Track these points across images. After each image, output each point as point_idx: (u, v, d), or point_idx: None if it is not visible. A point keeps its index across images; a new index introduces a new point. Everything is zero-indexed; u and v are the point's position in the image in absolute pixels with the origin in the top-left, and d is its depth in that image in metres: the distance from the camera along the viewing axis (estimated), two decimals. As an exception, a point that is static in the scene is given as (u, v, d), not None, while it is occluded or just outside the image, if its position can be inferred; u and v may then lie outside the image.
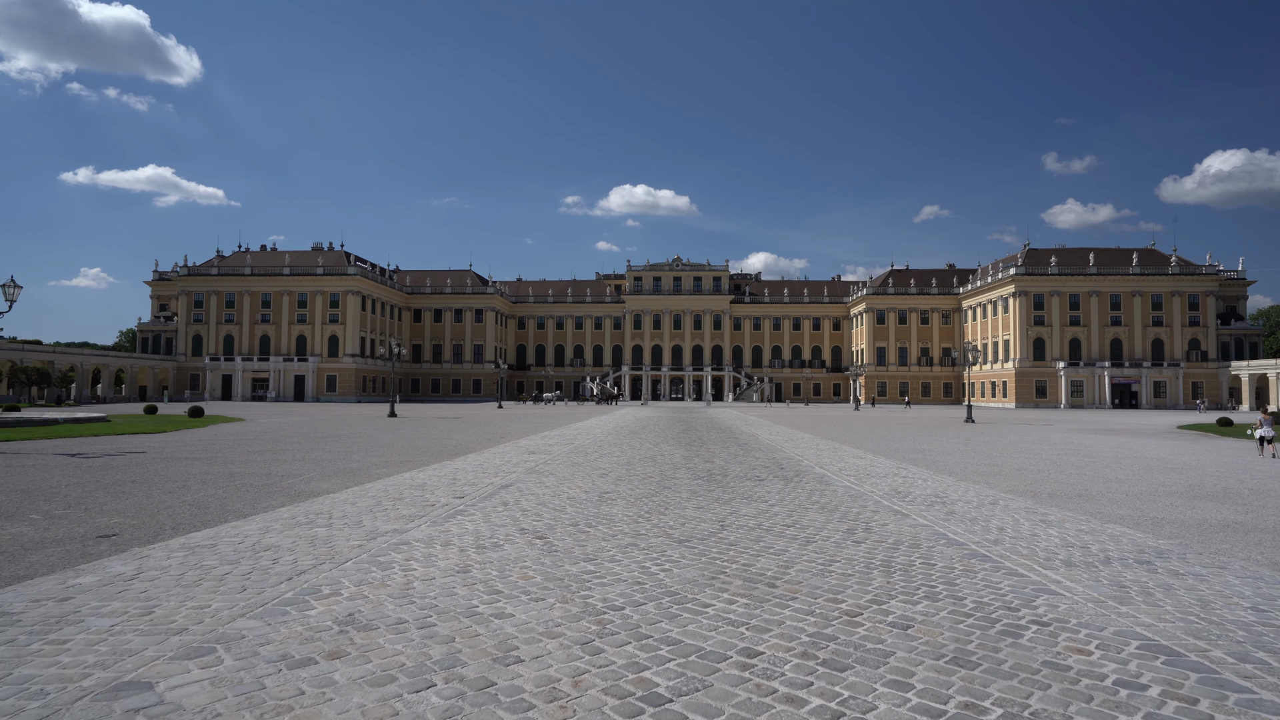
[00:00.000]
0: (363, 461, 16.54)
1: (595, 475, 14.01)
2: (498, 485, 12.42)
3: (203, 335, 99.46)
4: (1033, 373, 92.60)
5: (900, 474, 14.76)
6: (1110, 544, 7.87)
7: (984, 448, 22.59)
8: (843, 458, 18.39)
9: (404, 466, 15.50)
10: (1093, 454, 20.62)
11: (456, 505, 10.20)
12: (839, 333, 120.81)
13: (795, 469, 15.52)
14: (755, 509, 10.11)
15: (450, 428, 31.98)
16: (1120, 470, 16.09)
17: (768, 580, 6.24)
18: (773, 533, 8.41)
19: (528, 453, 18.95)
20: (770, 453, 19.66)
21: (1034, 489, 12.68)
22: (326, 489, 11.90)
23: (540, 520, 9.08)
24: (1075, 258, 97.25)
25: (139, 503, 10.24)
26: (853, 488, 12.53)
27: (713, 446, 21.66)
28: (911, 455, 19.53)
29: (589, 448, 20.82)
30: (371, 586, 5.90)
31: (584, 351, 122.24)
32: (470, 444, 22.22)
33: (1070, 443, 25.35)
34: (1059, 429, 36.36)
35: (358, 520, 8.91)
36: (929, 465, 16.79)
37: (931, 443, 24.70)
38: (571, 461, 16.65)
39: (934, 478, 14.16)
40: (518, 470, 14.75)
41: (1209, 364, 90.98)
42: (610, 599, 5.63)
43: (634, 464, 16.21)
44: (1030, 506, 10.60)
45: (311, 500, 10.61)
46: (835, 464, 16.71)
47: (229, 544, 7.44)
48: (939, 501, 10.98)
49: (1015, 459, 18.69)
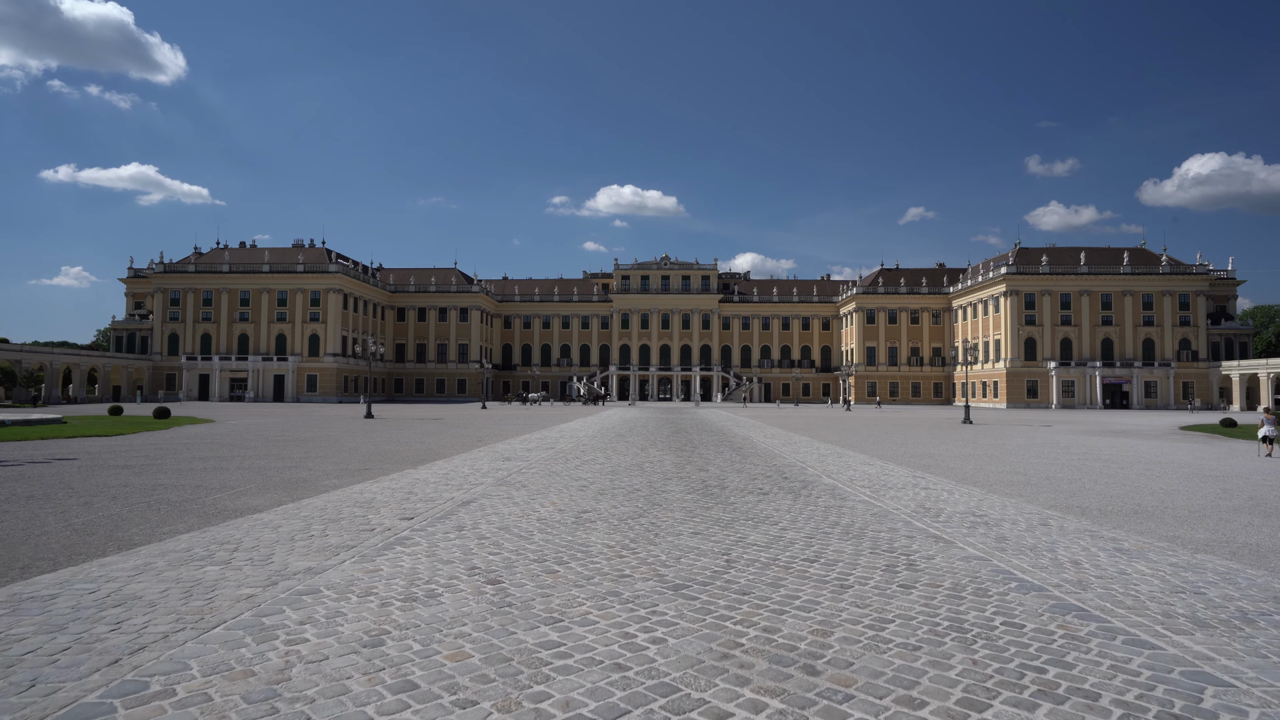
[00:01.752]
0: (315, 470, 14.67)
1: (574, 488, 12.22)
2: (458, 501, 10.60)
3: (179, 334, 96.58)
4: (1024, 373, 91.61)
5: (920, 485, 13.08)
6: (1229, 588, 6.12)
7: (994, 451, 20.99)
8: (849, 464, 16.70)
9: (359, 476, 13.65)
10: (1113, 459, 19.05)
11: (400, 530, 8.38)
12: (828, 332, 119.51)
13: (801, 478, 13.80)
14: (765, 534, 8.36)
15: (426, 430, 30.06)
16: (1158, 479, 14.49)
17: (803, 660, 4.44)
18: (793, 571, 6.63)
19: (502, 459, 17.12)
20: (769, 459, 17.94)
21: (1078, 504, 11.02)
22: (256, 506, 10.05)
23: (498, 554, 7.26)
24: (1066, 257, 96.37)
25: (9, 529, 8.35)
26: (872, 503, 10.82)
27: (706, 451, 19.91)
28: (922, 461, 17.88)
29: (570, 453, 19.02)
30: (227, 676, 4.04)
31: (571, 351, 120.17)
32: (442, 448, 20.36)
33: (1082, 446, 23.81)
34: (1061, 430, 34.92)
35: (268, 554, 7.08)
36: (946, 473, 15.13)
37: (937, 446, 23.09)
38: (549, 470, 14.84)
39: (959, 489, 12.49)
40: (486, 481, 12.94)
41: (1200, 364, 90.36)
42: (575, 701, 3.84)
43: (619, 473, 14.43)
44: (1090, 529, 8.91)
45: (227, 523, 8.76)
46: (843, 472, 15.01)
47: (75, 594, 5.58)
48: (980, 522, 9.28)
49: (1035, 465, 17.07)
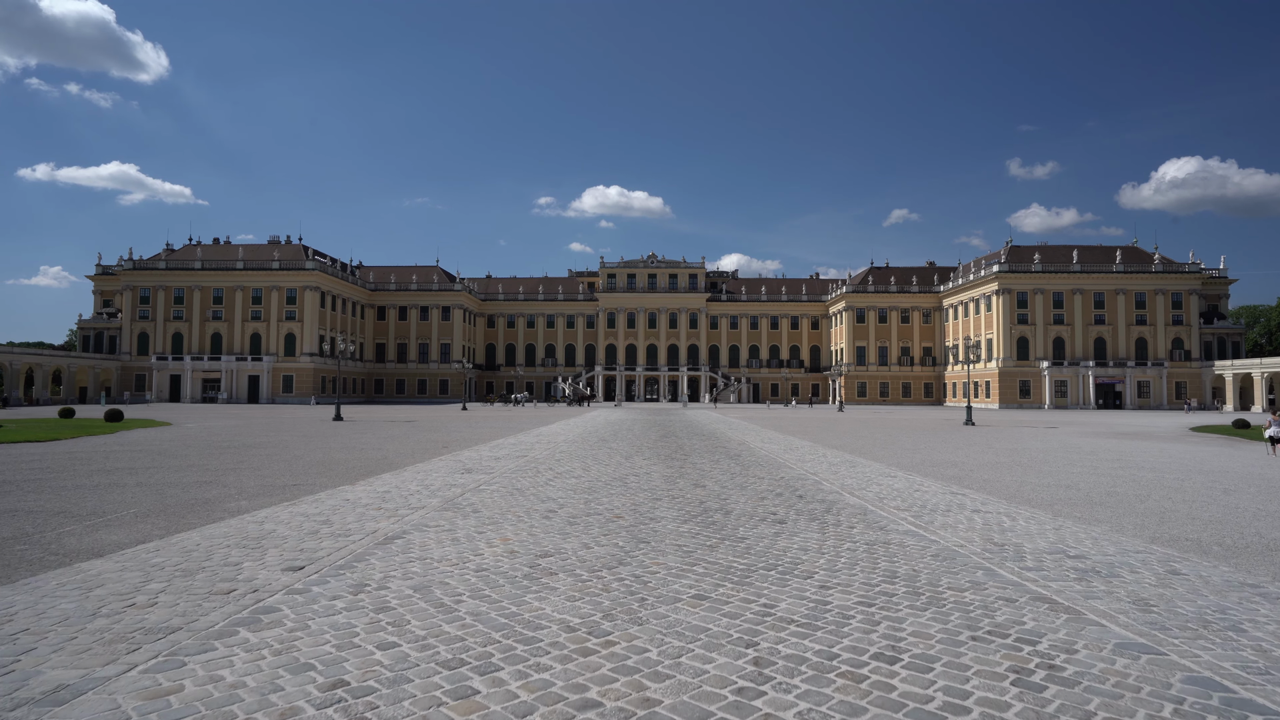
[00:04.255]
0: (230, 488, 12.07)
1: (538, 514, 9.70)
2: (380, 537, 8.05)
3: (149, 333, 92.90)
4: (1016, 372, 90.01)
5: (966, 506, 10.67)
6: None
7: (1020, 459, 18.65)
8: (867, 476, 14.29)
9: (279, 496, 11.07)
10: (1155, 466, 16.77)
11: (271, 592, 5.83)
12: (817, 332, 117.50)
13: (819, 497, 11.36)
14: (800, 599, 5.87)
15: (392, 434, 27.41)
16: (1233, 494, 12.17)
17: None
18: (873, 697, 4.17)
19: (462, 471, 14.56)
20: (773, 469, 15.49)
21: (1179, 533, 8.64)
22: (105, 546, 7.47)
23: (392, 648, 4.66)
24: (1058, 255, 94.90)
25: None
26: (923, 535, 8.37)
27: (700, 460, 17.43)
28: (947, 470, 15.51)
29: (544, 463, 16.48)
30: None
31: (556, 351, 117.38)
32: (398, 457, 17.76)
33: (1109, 451, 21.53)
34: (1070, 432, 32.78)
35: (30, 647, 4.53)
36: (984, 488, 12.75)
37: (952, 452, 20.75)
38: (513, 487, 12.29)
39: (1019, 513, 10.07)
40: (431, 504, 10.39)
41: (1193, 363, 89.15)
42: None
43: (597, 491, 11.93)
44: (1242, 579, 6.49)
45: (35, 578, 6.19)
46: (865, 487, 12.59)
47: None
48: (1086, 570, 6.80)
49: (1079, 476, 14.74)
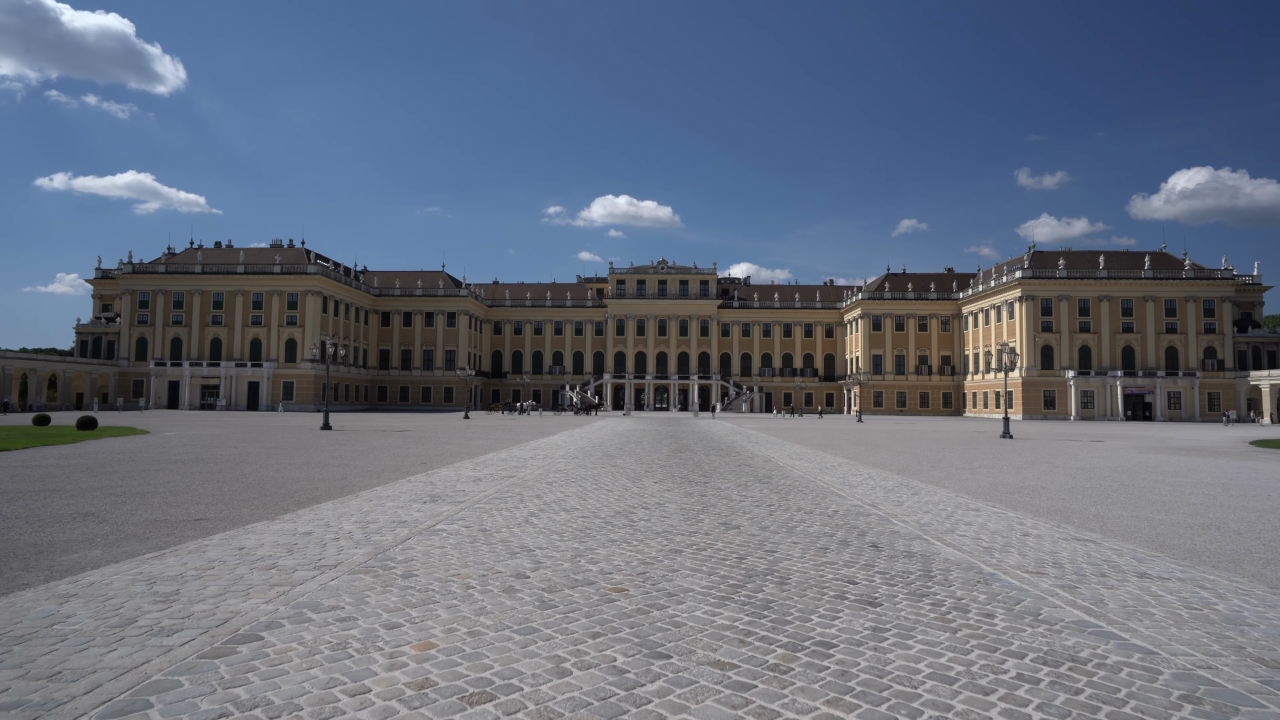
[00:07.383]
0: (103, 524, 9.03)
1: (497, 582, 6.57)
2: (219, 640, 4.87)
3: (148, 338, 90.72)
4: (1040, 382, 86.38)
5: (1120, 565, 7.43)
6: None
7: (1103, 481, 15.34)
8: (942, 509, 11.13)
9: (155, 542, 8.04)
10: (1259, 490, 13.55)
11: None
12: (832, 340, 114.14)
13: (903, 549, 8.19)
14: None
15: (373, 445, 24.47)
16: None
17: None
18: None
19: (424, 499, 11.51)
20: (819, 498, 12.35)
21: None
22: None
23: None
24: (1083, 261, 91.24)
25: None
26: (1116, 637, 5.16)
27: (723, 484, 14.28)
28: (1035, 500, 12.32)
29: (532, 487, 13.42)
30: None
31: (564, 359, 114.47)
32: (359, 477, 14.75)
33: (1193, 471, 18.19)
34: (1121, 446, 29.46)
35: None
36: (1101, 526, 9.56)
37: (1014, 473, 17.51)
38: (479, 528, 9.18)
39: (1207, 578, 6.85)
40: (352, 558, 7.32)
41: (1226, 373, 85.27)
42: None
43: (592, 535, 8.84)
44: None
45: None
46: (953, 529, 9.43)
47: None
48: None
49: (1204, 510, 11.50)
